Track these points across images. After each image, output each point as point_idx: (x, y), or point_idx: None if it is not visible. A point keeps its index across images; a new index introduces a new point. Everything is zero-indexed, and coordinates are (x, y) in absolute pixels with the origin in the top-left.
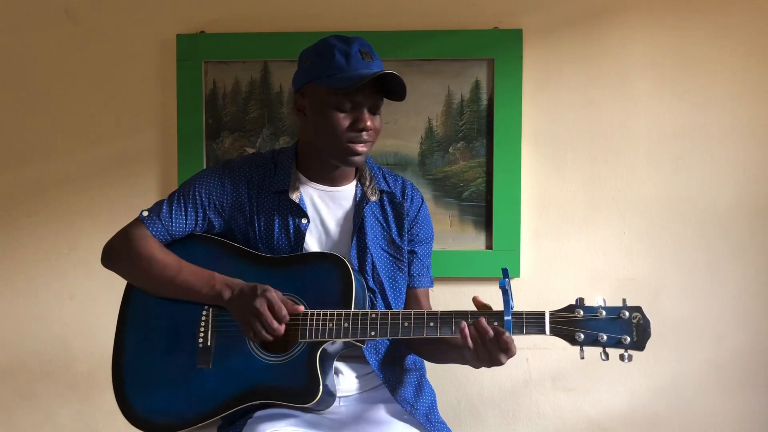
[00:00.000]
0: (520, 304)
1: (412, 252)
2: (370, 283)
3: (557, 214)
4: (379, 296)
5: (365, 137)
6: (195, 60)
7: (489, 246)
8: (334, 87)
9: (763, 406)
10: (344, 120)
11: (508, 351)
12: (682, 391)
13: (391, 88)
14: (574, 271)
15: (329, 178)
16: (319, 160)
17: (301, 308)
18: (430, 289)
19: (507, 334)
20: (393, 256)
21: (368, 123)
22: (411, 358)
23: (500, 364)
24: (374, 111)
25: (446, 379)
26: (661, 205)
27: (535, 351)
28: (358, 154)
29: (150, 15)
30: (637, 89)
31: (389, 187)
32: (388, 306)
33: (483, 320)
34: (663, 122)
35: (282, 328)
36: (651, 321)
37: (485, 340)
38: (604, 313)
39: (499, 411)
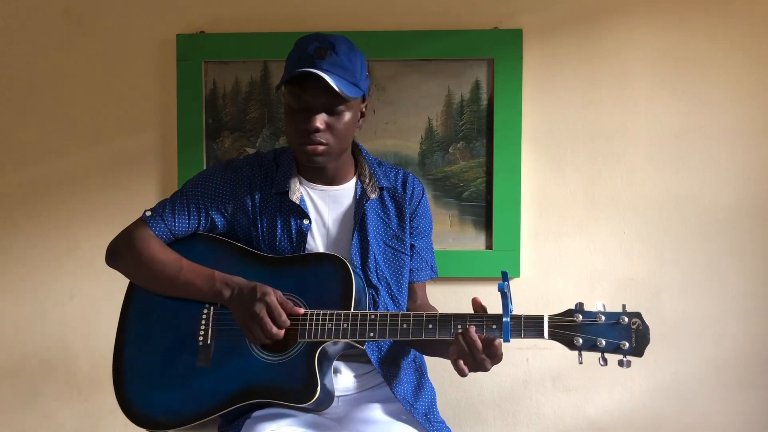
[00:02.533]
0: (520, 304)
1: (411, 246)
2: (373, 279)
3: (557, 214)
4: (383, 292)
5: (317, 138)
6: (195, 60)
7: (489, 246)
8: (280, 84)
9: (763, 406)
10: (294, 120)
11: (495, 357)
12: (682, 391)
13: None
14: (574, 271)
15: (327, 177)
16: None
17: (302, 310)
18: (431, 280)
19: (498, 340)
20: (397, 250)
21: (315, 124)
22: (412, 357)
23: (485, 370)
24: (330, 110)
25: (446, 379)
26: (661, 205)
27: (535, 351)
28: (311, 154)
29: (150, 15)
30: (637, 89)
31: (389, 183)
32: (394, 300)
33: (472, 331)
34: (663, 122)
35: (281, 332)
36: (651, 321)
37: (472, 349)
38: (603, 318)
39: (499, 411)
